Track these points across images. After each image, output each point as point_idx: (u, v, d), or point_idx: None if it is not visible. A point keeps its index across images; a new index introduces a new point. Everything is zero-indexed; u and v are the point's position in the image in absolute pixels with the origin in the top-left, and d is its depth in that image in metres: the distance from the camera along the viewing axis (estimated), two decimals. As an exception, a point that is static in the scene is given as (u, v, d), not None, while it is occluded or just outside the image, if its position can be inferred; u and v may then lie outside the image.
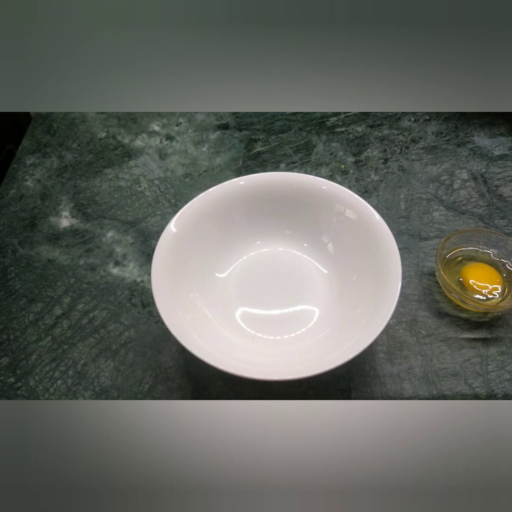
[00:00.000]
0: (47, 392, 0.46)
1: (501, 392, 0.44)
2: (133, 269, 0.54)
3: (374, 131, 0.66)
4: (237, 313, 0.48)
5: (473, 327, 0.48)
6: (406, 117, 0.67)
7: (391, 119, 0.67)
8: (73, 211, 0.60)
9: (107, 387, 0.46)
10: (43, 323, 0.51)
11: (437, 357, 0.47)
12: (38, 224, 0.59)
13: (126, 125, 0.69)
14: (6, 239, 0.58)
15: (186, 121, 0.68)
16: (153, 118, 0.69)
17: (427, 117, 0.67)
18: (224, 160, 0.64)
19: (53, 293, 0.53)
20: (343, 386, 0.45)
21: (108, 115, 0.70)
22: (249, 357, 0.43)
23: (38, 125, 0.69)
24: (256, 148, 0.65)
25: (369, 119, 0.67)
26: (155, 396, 0.46)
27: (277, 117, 0.68)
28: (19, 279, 0.54)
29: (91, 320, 0.51)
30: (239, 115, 0.69)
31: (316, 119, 0.67)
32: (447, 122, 0.66)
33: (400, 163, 0.62)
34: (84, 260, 0.55)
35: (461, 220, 0.56)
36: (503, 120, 0.65)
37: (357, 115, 0.67)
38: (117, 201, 0.60)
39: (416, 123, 0.66)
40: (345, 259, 0.49)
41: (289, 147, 0.64)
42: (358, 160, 0.63)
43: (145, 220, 0.58)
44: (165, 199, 0.60)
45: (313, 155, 0.63)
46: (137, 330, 0.50)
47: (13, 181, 0.63)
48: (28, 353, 0.49)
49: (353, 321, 0.44)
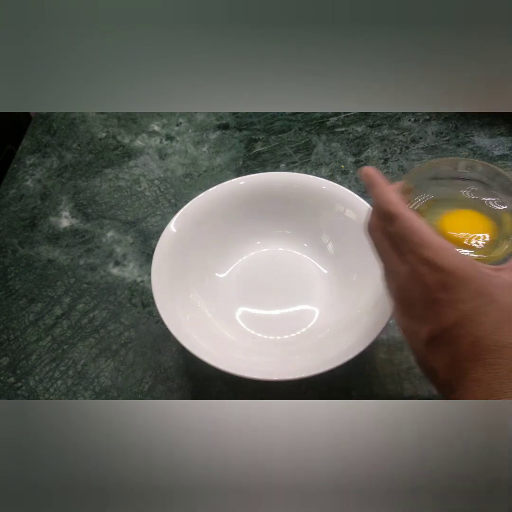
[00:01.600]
0: (47, 392, 0.46)
1: (501, 392, 0.44)
2: (133, 269, 0.54)
3: (374, 131, 0.66)
4: (237, 313, 0.48)
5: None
6: (406, 117, 0.67)
7: (391, 119, 0.67)
8: (73, 211, 0.60)
9: (107, 387, 0.46)
10: (43, 323, 0.51)
11: (437, 357, 0.47)
12: (38, 224, 0.59)
13: (126, 125, 0.69)
14: (6, 239, 0.58)
15: (186, 121, 0.68)
16: (153, 118, 0.69)
17: (427, 117, 0.67)
18: (224, 160, 0.64)
19: (53, 293, 0.53)
20: (343, 386, 0.45)
21: (108, 115, 0.70)
22: (249, 357, 0.43)
23: (38, 125, 0.69)
24: (256, 148, 0.65)
25: (369, 119, 0.67)
26: (155, 396, 0.46)
27: (277, 117, 0.68)
28: (19, 279, 0.54)
29: (91, 320, 0.51)
30: (239, 115, 0.69)
31: (316, 119, 0.67)
32: (447, 122, 0.66)
33: (400, 163, 0.62)
34: (84, 260, 0.55)
35: (461, 220, 0.56)
36: (503, 120, 0.65)
37: (357, 115, 0.67)
38: (117, 201, 0.60)
39: (416, 123, 0.66)
40: (345, 259, 0.49)
41: (289, 147, 0.64)
42: (358, 160, 0.63)
43: (145, 220, 0.58)
44: (165, 199, 0.60)
45: (313, 155, 0.63)
46: (137, 330, 0.50)
47: (13, 181, 0.63)
48: (28, 353, 0.49)
49: (353, 321, 0.44)
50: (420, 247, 0.29)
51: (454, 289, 0.28)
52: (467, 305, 0.28)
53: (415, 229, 0.30)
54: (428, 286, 0.29)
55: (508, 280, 0.30)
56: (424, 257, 0.29)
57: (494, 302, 0.28)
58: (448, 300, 0.28)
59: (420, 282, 0.29)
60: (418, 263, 0.29)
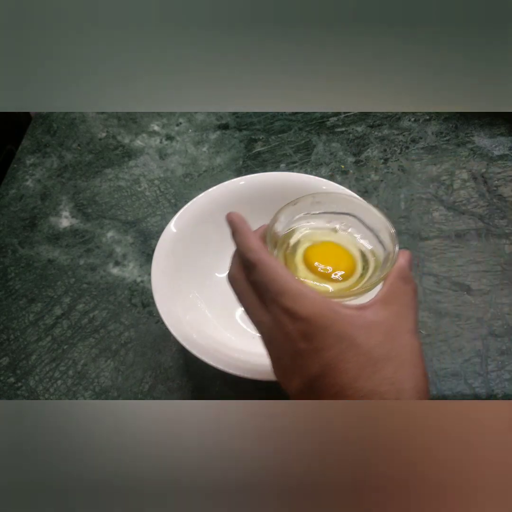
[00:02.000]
0: (47, 392, 0.46)
1: (501, 392, 0.44)
2: (133, 269, 0.54)
3: (374, 131, 0.66)
4: (237, 313, 0.48)
5: (473, 326, 0.48)
6: (406, 117, 0.67)
7: (391, 119, 0.67)
8: (73, 211, 0.60)
9: (107, 387, 0.46)
10: (43, 323, 0.51)
11: (437, 357, 0.47)
12: (38, 224, 0.59)
13: (126, 125, 0.69)
14: (6, 239, 0.58)
15: (186, 121, 0.68)
16: (153, 118, 0.69)
17: (427, 117, 0.67)
18: (224, 160, 0.64)
19: (53, 293, 0.53)
20: (343, 386, 0.45)
21: (108, 115, 0.70)
22: (249, 357, 0.43)
23: (38, 125, 0.69)
24: (256, 148, 0.65)
25: (369, 119, 0.67)
26: (155, 396, 0.46)
27: (277, 117, 0.68)
28: (19, 279, 0.54)
29: (91, 320, 0.51)
30: (239, 115, 0.69)
31: (316, 119, 0.67)
32: (447, 122, 0.66)
33: (400, 163, 0.62)
34: (84, 260, 0.55)
35: (461, 220, 0.56)
36: (503, 120, 0.65)
37: (357, 115, 0.68)
38: (117, 201, 0.60)
39: (416, 123, 0.66)
40: (345, 259, 0.49)
41: (289, 147, 0.64)
42: (358, 160, 0.63)
43: (145, 220, 0.58)
44: (165, 199, 0.60)
45: (313, 155, 0.63)
46: (137, 330, 0.50)
47: (13, 181, 0.63)
48: (28, 353, 0.49)
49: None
50: (280, 295, 0.28)
51: (315, 338, 0.27)
52: (328, 352, 0.27)
53: (274, 276, 0.28)
54: (290, 336, 0.28)
55: (371, 319, 0.28)
56: (284, 306, 0.28)
57: (354, 346, 0.27)
58: (310, 350, 0.27)
59: (283, 332, 0.28)
60: (279, 312, 0.28)
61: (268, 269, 0.29)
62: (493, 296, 0.50)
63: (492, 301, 0.50)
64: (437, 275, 0.52)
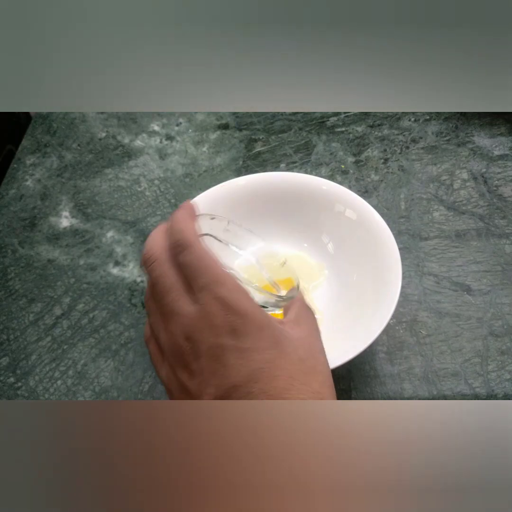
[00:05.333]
0: (47, 392, 0.46)
1: (501, 392, 0.44)
2: (133, 269, 0.54)
3: (374, 131, 0.66)
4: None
5: (473, 326, 0.48)
6: (406, 117, 0.67)
7: (391, 119, 0.67)
8: (73, 211, 0.60)
9: (107, 387, 0.46)
10: (43, 323, 0.51)
11: (437, 357, 0.47)
12: (38, 224, 0.59)
13: (126, 125, 0.69)
14: (6, 239, 0.58)
15: (186, 121, 0.68)
16: (153, 118, 0.69)
17: (427, 117, 0.67)
18: (224, 160, 0.64)
19: (53, 293, 0.53)
20: (343, 386, 0.45)
21: (108, 115, 0.70)
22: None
23: (38, 125, 0.69)
24: (256, 148, 0.65)
25: (369, 119, 0.67)
26: (155, 396, 0.46)
27: (277, 117, 0.68)
28: (19, 279, 0.54)
29: (91, 320, 0.51)
30: (239, 115, 0.69)
31: (316, 119, 0.67)
32: (447, 122, 0.66)
33: (400, 163, 0.62)
34: (84, 260, 0.55)
35: (461, 220, 0.56)
36: (503, 120, 0.65)
37: (357, 115, 0.67)
38: (117, 201, 0.60)
39: (416, 123, 0.66)
40: (345, 259, 0.49)
41: (289, 147, 0.64)
42: (358, 160, 0.63)
43: (145, 220, 0.58)
44: (165, 199, 0.60)
45: (313, 155, 0.63)
46: (137, 330, 0.50)
47: (13, 181, 0.63)
48: (28, 353, 0.49)
49: (353, 321, 0.44)
50: (215, 284, 0.25)
51: (247, 337, 0.25)
52: (261, 355, 0.25)
53: (210, 263, 0.26)
54: (217, 329, 0.25)
55: (293, 334, 0.27)
56: (218, 295, 0.25)
57: (286, 354, 0.26)
58: (237, 349, 0.25)
59: (209, 324, 0.25)
60: (211, 301, 0.25)
61: (204, 254, 0.27)
62: (493, 296, 0.50)
63: (492, 301, 0.50)
64: (437, 275, 0.52)
